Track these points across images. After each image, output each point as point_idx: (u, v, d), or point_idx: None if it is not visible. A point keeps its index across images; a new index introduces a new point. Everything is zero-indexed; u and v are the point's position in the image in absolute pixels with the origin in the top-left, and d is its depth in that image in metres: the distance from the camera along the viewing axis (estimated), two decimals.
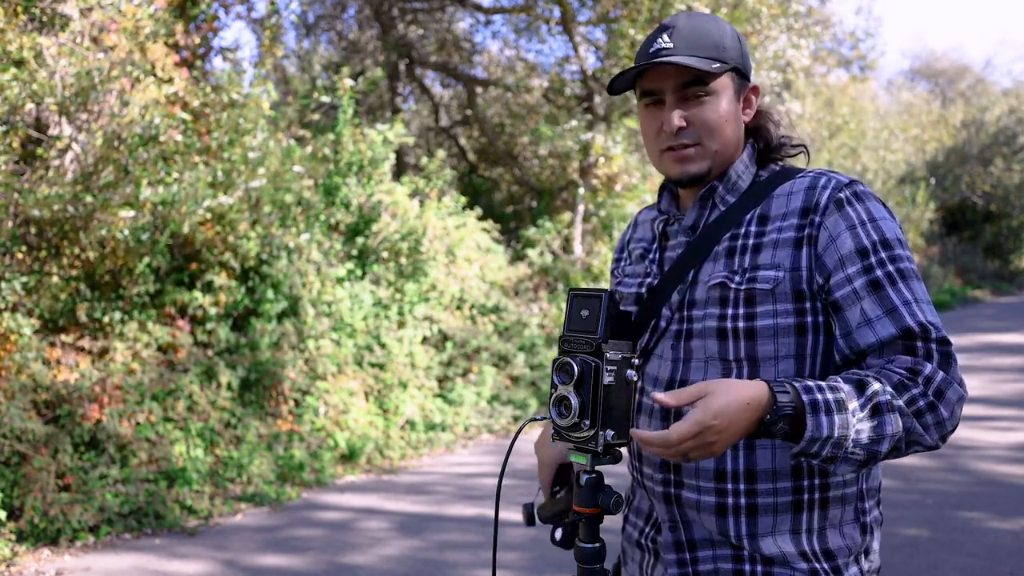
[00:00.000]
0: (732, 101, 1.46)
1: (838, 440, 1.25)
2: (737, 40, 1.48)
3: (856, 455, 1.27)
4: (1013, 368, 10.48)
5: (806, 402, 1.25)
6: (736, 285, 1.40)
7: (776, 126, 1.54)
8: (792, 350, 1.38)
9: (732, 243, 1.44)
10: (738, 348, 1.39)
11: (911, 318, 1.32)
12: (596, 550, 1.36)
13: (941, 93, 32.69)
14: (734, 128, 1.47)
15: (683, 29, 1.45)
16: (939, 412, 1.29)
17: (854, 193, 1.39)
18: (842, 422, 1.24)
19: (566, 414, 1.30)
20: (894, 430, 1.27)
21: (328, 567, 4.52)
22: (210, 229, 6.60)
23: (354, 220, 8.11)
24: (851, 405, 1.25)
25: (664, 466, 1.44)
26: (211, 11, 8.11)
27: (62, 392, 5.32)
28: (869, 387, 1.28)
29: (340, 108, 8.40)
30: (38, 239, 5.91)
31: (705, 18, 1.47)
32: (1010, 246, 26.82)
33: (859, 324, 1.34)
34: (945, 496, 5.42)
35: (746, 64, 1.48)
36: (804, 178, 1.44)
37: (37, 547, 4.64)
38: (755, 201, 1.46)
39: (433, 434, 7.29)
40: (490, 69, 14.80)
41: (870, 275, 1.34)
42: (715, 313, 1.41)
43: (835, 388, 1.27)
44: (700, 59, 1.41)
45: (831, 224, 1.37)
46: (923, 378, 1.29)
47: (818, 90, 16.89)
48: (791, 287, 1.37)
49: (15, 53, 5.48)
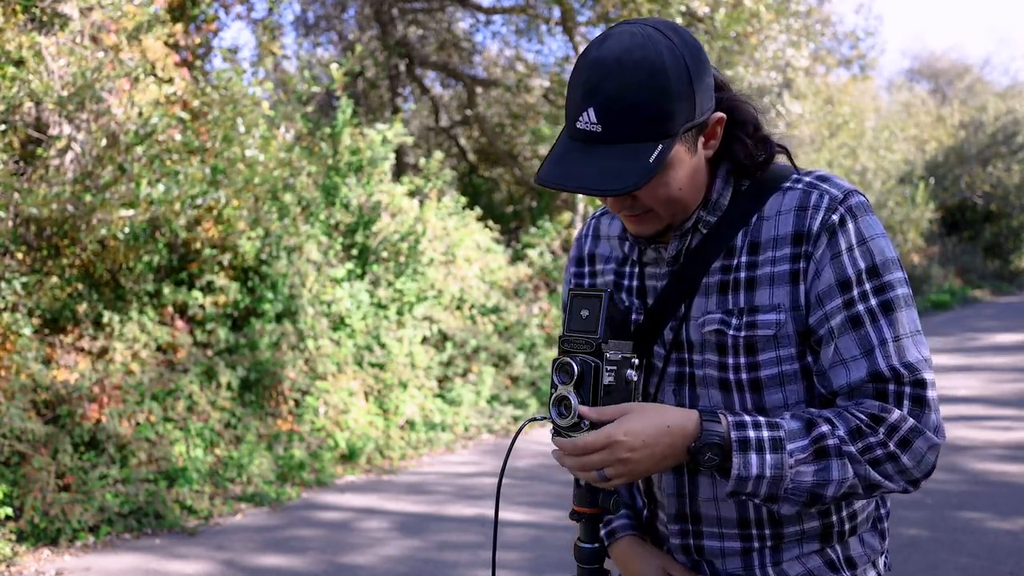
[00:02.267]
0: (688, 161, 1.25)
1: (772, 479, 1.19)
2: (685, 74, 1.18)
3: (797, 498, 1.21)
4: (1013, 368, 10.48)
5: (734, 439, 1.19)
6: (734, 332, 1.28)
7: (750, 136, 1.32)
8: (802, 395, 1.29)
9: (724, 276, 1.31)
10: (744, 400, 1.30)
11: (884, 360, 1.22)
12: (596, 550, 1.36)
13: (940, 93, 32.70)
14: (693, 183, 1.29)
15: (612, 99, 1.17)
16: (901, 462, 1.21)
17: (848, 210, 1.26)
18: (776, 462, 1.19)
19: (566, 414, 1.30)
20: (841, 476, 1.20)
21: (328, 567, 4.52)
22: (209, 229, 6.60)
23: (354, 220, 8.11)
24: (791, 445, 1.19)
25: (681, 516, 1.38)
26: (211, 11, 8.11)
27: (62, 392, 5.32)
28: (816, 428, 1.21)
29: (339, 108, 8.39)
30: (38, 239, 5.91)
31: (641, 68, 1.16)
32: (1010, 246, 26.80)
33: (832, 364, 1.25)
34: (945, 496, 5.41)
35: (702, 103, 1.22)
36: (794, 191, 1.29)
37: (37, 547, 4.64)
38: (742, 220, 1.30)
39: (433, 434, 7.29)
40: (490, 69, 14.80)
41: (850, 310, 1.24)
42: (714, 361, 1.31)
43: (775, 426, 1.21)
44: (632, 157, 1.18)
45: (819, 256, 1.25)
46: (887, 426, 1.20)
47: (818, 89, 16.88)
48: (794, 329, 1.27)
49: (14, 52, 5.48)
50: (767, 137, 1.33)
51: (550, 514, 5.21)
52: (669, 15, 9.80)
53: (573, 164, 1.21)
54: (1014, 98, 27.47)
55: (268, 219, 6.82)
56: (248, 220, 6.69)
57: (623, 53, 1.18)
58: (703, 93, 1.22)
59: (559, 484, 5.75)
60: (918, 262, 21.08)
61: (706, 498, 1.35)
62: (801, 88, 14.07)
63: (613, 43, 1.20)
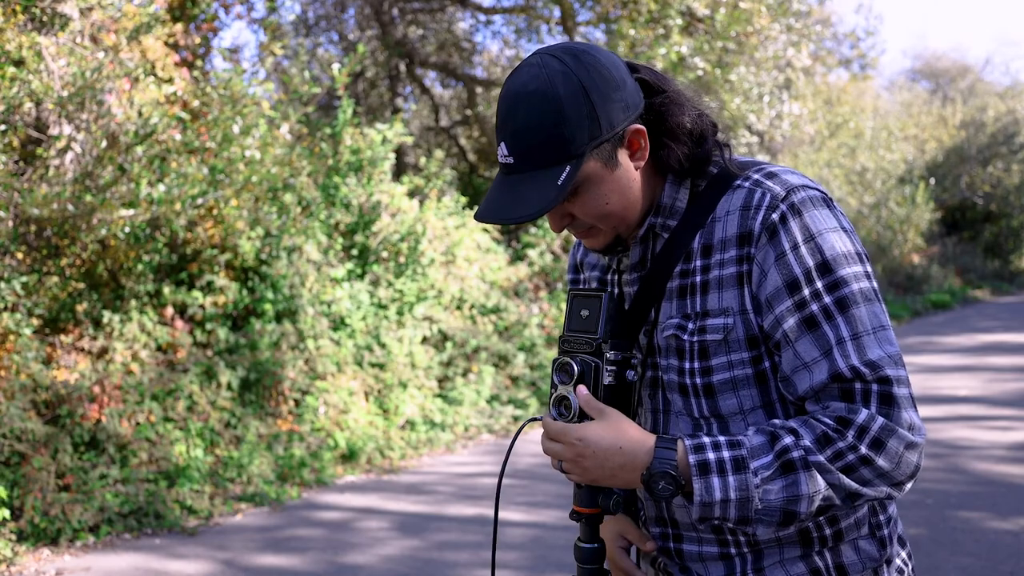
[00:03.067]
0: (609, 176, 1.26)
1: (739, 502, 1.17)
2: (582, 96, 1.21)
3: (770, 517, 1.18)
4: (1013, 368, 10.48)
5: (692, 463, 1.18)
6: (688, 336, 1.28)
7: (681, 140, 1.30)
8: (757, 401, 1.27)
9: (683, 280, 1.31)
10: (700, 406, 1.30)
11: (843, 361, 1.18)
12: (596, 550, 1.36)
13: (941, 93, 32.71)
14: (626, 195, 1.29)
15: (517, 131, 1.23)
16: (876, 465, 1.17)
17: (790, 207, 1.23)
18: (739, 483, 1.17)
19: (566, 414, 1.30)
20: (811, 489, 1.17)
21: (328, 567, 4.52)
22: (209, 229, 6.60)
23: (354, 220, 8.11)
24: (755, 463, 1.17)
25: (660, 520, 1.38)
26: (211, 11, 8.11)
27: (62, 392, 5.32)
28: (779, 441, 1.18)
29: (339, 107, 8.40)
30: (38, 239, 5.91)
31: (534, 98, 1.21)
32: (1010, 246, 26.82)
33: (795, 369, 1.22)
34: (945, 496, 5.41)
35: (610, 118, 1.23)
36: (740, 190, 1.28)
37: (37, 547, 4.64)
38: (700, 221, 1.31)
39: (433, 434, 7.29)
40: (490, 69, 14.81)
41: (803, 311, 1.21)
42: (675, 365, 1.31)
43: (736, 444, 1.19)
44: (540, 183, 1.22)
45: (761, 257, 1.23)
46: (855, 428, 1.17)
47: (818, 90, 16.89)
48: (744, 333, 1.25)
49: (14, 52, 5.48)
50: (703, 136, 1.32)
51: (550, 514, 5.21)
52: (669, 15, 9.81)
53: (495, 197, 1.28)
54: (1015, 98, 27.48)
55: (268, 219, 6.83)
56: (248, 220, 6.70)
57: (521, 87, 1.23)
58: (609, 109, 1.23)
59: (559, 484, 5.76)
60: (918, 262, 21.09)
61: (679, 504, 1.34)
62: (801, 88, 14.07)
63: (515, 77, 1.26)
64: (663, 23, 9.88)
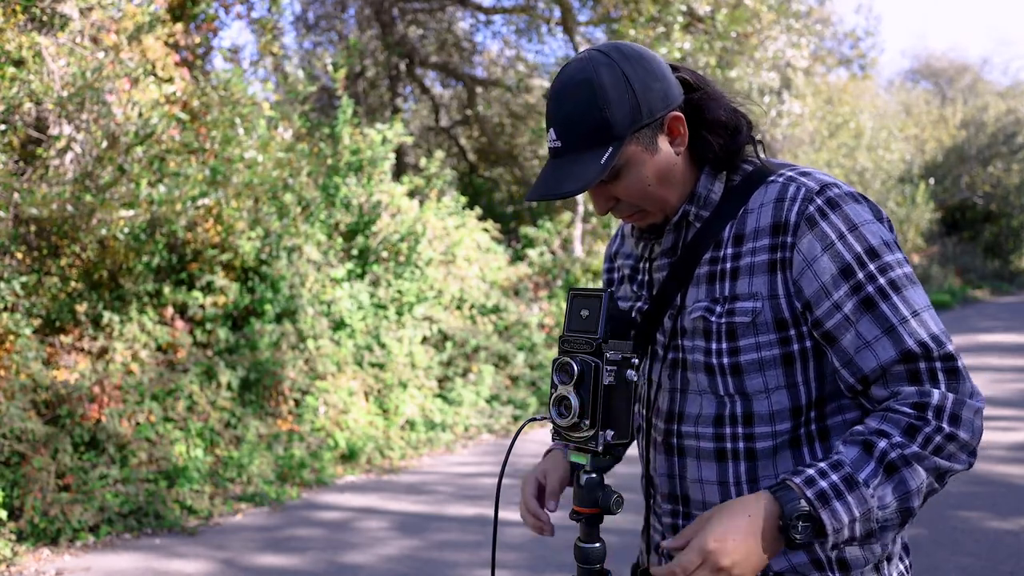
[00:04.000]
0: (649, 159, 1.34)
1: (863, 517, 1.20)
2: (624, 84, 1.30)
3: (890, 521, 1.21)
4: (1013, 368, 10.48)
5: (811, 496, 1.19)
6: (716, 319, 1.34)
7: (716, 132, 1.37)
8: (782, 381, 1.32)
9: (712, 267, 1.37)
10: (726, 384, 1.34)
11: (911, 337, 1.24)
12: (596, 550, 1.36)
13: (941, 93, 32.71)
14: (666, 179, 1.37)
15: (564, 117, 1.33)
16: (959, 437, 1.22)
17: (827, 201, 1.29)
18: (858, 499, 1.19)
19: (566, 414, 1.30)
20: (918, 483, 1.21)
21: (328, 567, 4.52)
22: (209, 229, 6.60)
23: (354, 220, 8.11)
24: (861, 476, 1.20)
25: (672, 497, 1.42)
26: (211, 11, 8.11)
27: (62, 392, 5.32)
28: (876, 448, 1.21)
29: (339, 108, 8.40)
30: (37, 239, 5.91)
31: (580, 87, 1.31)
32: (1010, 246, 26.83)
33: (858, 349, 1.26)
34: (945, 496, 5.41)
35: (650, 105, 1.32)
36: (774, 184, 1.34)
37: (37, 547, 4.64)
38: (730, 213, 1.37)
39: (433, 434, 7.28)
40: (490, 69, 14.81)
41: (859, 294, 1.26)
42: (701, 346, 1.36)
43: (838, 464, 1.21)
44: (585, 163, 1.31)
45: (805, 247, 1.28)
46: (933, 410, 1.22)
47: (818, 89, 16.89)
48: (772, 316, 1.31)
49: (14, 53, 5.48)
50: (737, 130, 1.38)
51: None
52: (670, 15, 9.81)
53: (544, 177, 1.37)
54: (1014, 98, 27.49)
55: (268, 219, 6.82)
56: (248, 220, 6.70)
57: (568, 78, 1.34)
58: (650, 97, 1.32)
59: None
60: (918, 262, 21.10)
61: (693, 479, 1.38)
62: (801, 88, 14.07)
63: (563, 72, 1.36)
64: (663, 22, 9.88)
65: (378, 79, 14.11)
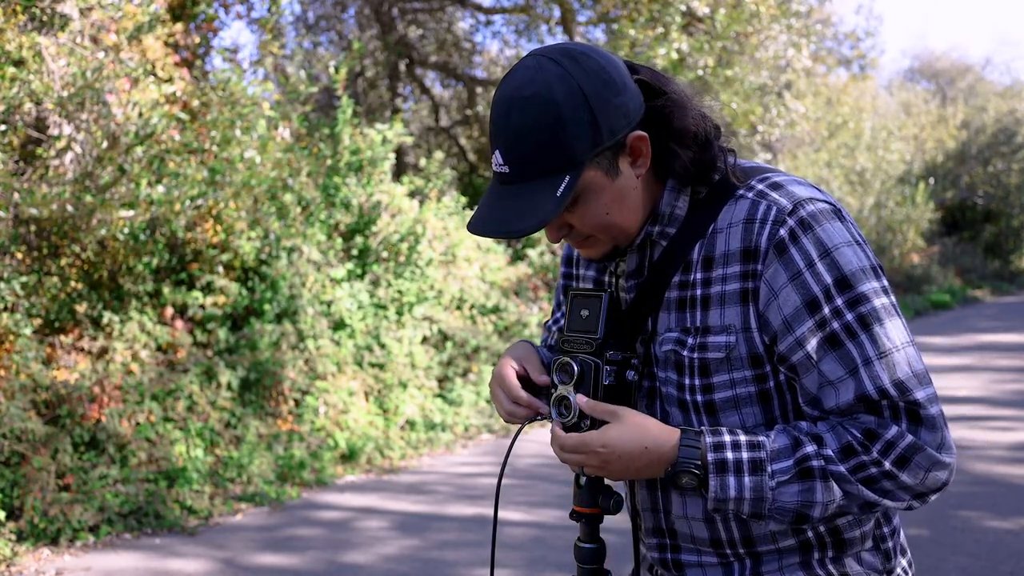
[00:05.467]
0: (609, 185, 1.21)
1: (753, 500, 1.17)
2: (581, 102, 1.15)
3: (781, 517, 1.19)
4: (1013, 368, 10.48)
5: (711, 461, 1.18)
6: (688, 352, 1.24)
7: (686, 144, 1.24)
8: (760, 418, 1.25)
9: (682, 292, 1.26)
10: (701, 421, 1.27)
11: (872, 383, 1.15)
12: (596, 550, 1.36)
13: (941, 93, 32.71)
14: (627, 204, 1.24)
15: (511, 139, 1.17)
16: (899, 479, 1.15)
17: (799, 222, 1.18)
18: (755, 484, 1.17)
19: (566, 414, 1.30)
20: (827, 498, 1.16)
21: (328, 567, 4.52)
22: (209, 229, 6.60)
23: (354, 220, 8.11)
24: (773, 467, 1.17)
25: (658, 531, 1.36)
26: (211, 11, 8.11)
27: (62, 392, 5.32)
28: (802, 449, 1.17)
29: (339, 108, 8.39)
30: (37, 239, 5.91)
31: (531, 104, 1.15)
32: (1010, 246, 26.83)
33: (820, 386, 1.18)
34: (945, 496, 5.40)
35: (611, 124, 1.17)
36: (744, 201, 1.22)
37: (37, 547, 4.64)
38: (699, 231, 1.25)
39: (433, 434, 7.29)
40: (490, 69, 14.81)
41: (824, 330, 1.16)
42: (674, 379, 1.27)
43: (758, 445, 1.18)
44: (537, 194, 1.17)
45: (771, 276, 1.18)
46: (883, 443, 1.15)
47: (818, 90, 16.89)
48: (747, 351, 1.21)
49: (14, 53, 5.48)
50: (708, 140, 1.26)
51: (550, 514, 5.20)
52: (669, 15, 9.81)
53: (490, 207, 1.22)
54: (1015, 98, 27.49)
55: (267, 219, 6.82)
56: (247, 220, 6.69)
57: (515, 92, 1.17)
58: (610, 114, 1.17)
59: (559, 484, 5.75)
60: (918, 262, 21.09)
61: (679, 515, 1.32)
62: (801, 88, 14.07)
63: (510, 81, 1.20)
64: (662, 22, 9.88)
65: (378, 79, 14.11)
